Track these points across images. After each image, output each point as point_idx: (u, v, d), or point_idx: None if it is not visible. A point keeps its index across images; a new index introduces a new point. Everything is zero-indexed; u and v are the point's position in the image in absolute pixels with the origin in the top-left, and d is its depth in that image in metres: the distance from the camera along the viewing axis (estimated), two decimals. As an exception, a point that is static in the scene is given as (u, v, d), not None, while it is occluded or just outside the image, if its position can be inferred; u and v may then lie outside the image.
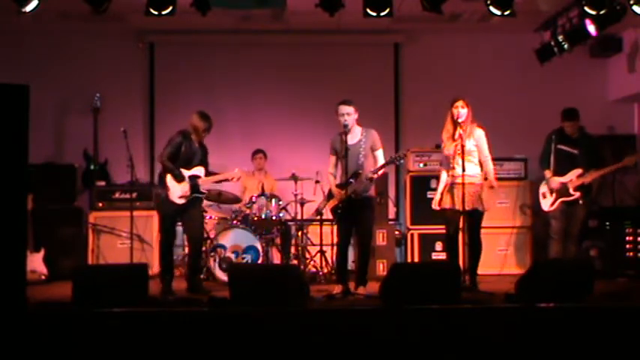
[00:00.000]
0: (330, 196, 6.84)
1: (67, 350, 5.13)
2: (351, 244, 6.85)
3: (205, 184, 7.16)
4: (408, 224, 8.53)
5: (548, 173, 7.53)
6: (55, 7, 7.70)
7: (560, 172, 7.48)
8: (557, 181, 7.43)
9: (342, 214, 6.64)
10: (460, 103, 6.69)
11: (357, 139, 6.64)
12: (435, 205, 6.84)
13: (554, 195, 7.49)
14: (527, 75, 9.03)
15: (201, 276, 7.68)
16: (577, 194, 7.41)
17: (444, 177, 6.83)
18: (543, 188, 7.63)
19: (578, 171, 7.42)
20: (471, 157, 6.68)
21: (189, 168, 7.03)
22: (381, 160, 6.66)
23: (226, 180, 7.33)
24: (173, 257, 7.23)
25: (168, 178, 6.97)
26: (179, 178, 6.95)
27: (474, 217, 6.68)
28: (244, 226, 7.81)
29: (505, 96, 9.16)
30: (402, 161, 6.93)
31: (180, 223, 7.26)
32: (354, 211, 6.55)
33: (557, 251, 7.44)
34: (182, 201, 6.98)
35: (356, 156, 6.57)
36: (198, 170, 7.08)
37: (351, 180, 6.53)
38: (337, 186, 6.67)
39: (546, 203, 7.57)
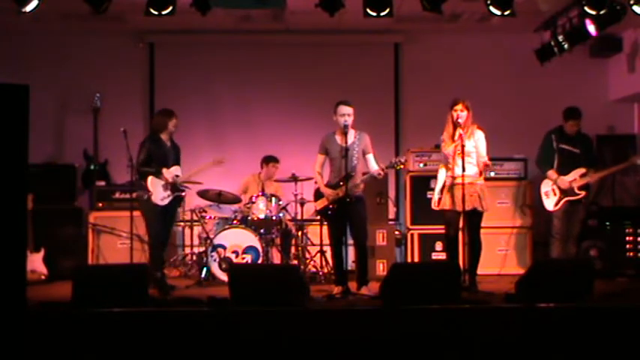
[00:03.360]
0: (318, 195, 6.82)
1: (67, 350, 5.13)
2: (350, 244, 6.84)
3: (185, 179, 7.19)
4: (408, 224, 8.53)
5: (552, 173, 7.52)
6: (55, 7, 7.69)
7: (562, 171, 7.49)
8: (566, 181, 7.44)
9: (333, 215, 6.63)
10: (459, 106, 6.67)
11: (351, 141, 6.64)
12: (434, 205, 6.83)
13: (558, 194, 7.49)
14: (527, 75, 9.03)
15: (202, 276, 7.71)
16: (582, 193, 7.44)
17: (442, 175, 6.81)
18: (546, 187, 7.62)
19: (582, 170, 7.46)
20: (469, 158, 6.68)
21: (167, 168, 7.05)
22: (372, 164, 6.66)
23: (206, 168, 7.33)
24: (164, 257, 7.24)
25: (150, 181, 6.98)
26: (159, 174, 6.97)
27: (474, 218, 6.67)
28: (244, 226, 7.81)
29: (505, 96, 9.16)
30: (401, 167, 6.89)
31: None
32: (347, 211, 6.55)
33: (559, 251, 7.45)
34: (165, 202, 7.02)
35: (350, 158, 6.57)
36: (176, 169, 7.11)
37: (341, 182, 6.53)
38: (328, 186, 6.67)
39: (550, 203, 7.57)
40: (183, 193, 7.21)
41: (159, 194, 6.99)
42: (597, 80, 9.38)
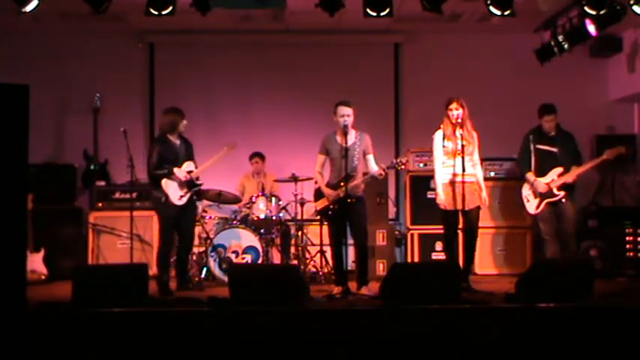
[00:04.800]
0: (318, 195, 6.82)
1: (67, 350, 5.13)
2: (350, 244, 6.83)
3: (199, 173, 7.20)
4: (408, 224, 8.53)
5: (531, 176, 7.46)
6: (54, 7, 7.70)
7: (541, 172, 7.42)
8: (543, 183, 7.38)
9: (333, 215, 6.63)
10: (454, 105, 6.70)
11: (352, 142, 6.63)
12: (441, 204, 6.78)
13: (537, 197, 7.44)
14: (527, 75, 9.03)
15: (202, 276, 7.71)
16: (561, 194, 7.36)
17: (439, 175, 6.81)
18: (526, 191, 7.55)
19: (559, 170, 7.38)
20: (469, 157, 6.70)
21: (179, 166, 7.06)
22: (372, 165, 6.65)
23: (219, 159, 7.35)
24: (170, 259, 7.25)
25: (164, 183, 7.00)
26: (171, 175, 6.99)
27: (474, 215, 6.71)
28: (244, 226, 7.81)
29: (505, 96, 9.16)
30: (402, 167, 6.89)
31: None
32: (348, 211, 6.54)
33: (554, 251, 7.41)
34: (183, 201, 7.02)
35: (351, 158, 6.57)
36: (188, 165, 7.13)
37: (341, 183, 6.52)
38: (329, 186, 6.66)
39: (531, 206, 7.51)
40: (199, 187, 7.23)
41: (175, 194, 7.00)
42: (597, 80, 9.38)
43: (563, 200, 7.36)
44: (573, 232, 7.48)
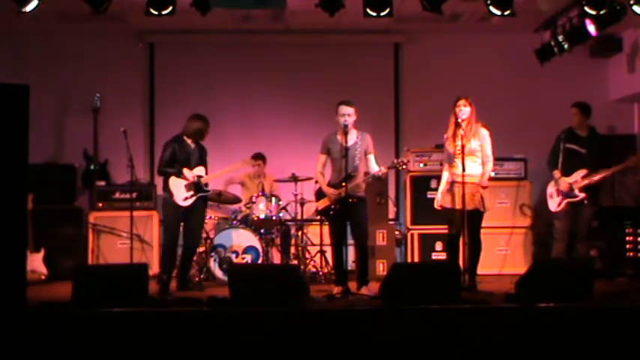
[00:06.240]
0: (319, 195, 6.82)
1: (67, 350, 5.13)
2: (350, 244, 6.83)
3: (211, 179, 7.27)
4: (408, 224, 8.53)
5: (557, 173, 7.45)
6: (54, 7, 7.70)
7: (567, 171, 7.41)
8: (566, 182, 7.39)
9: (334, 215, 6.63)
10: (462, 102, 6.68)
11: (353, 142, 6.63)
12: (436, 205, 6.85)
13: (560, 196, 7.45)
14: (527, 75, 9.03)
15: (202, 276, 7.71)
16: (582, 195, 7.35)
17: (445, 175, 6.84)
18: (551, 189, 7.57)
19: (583, 171, 7.37)
20: (474, 157, 6.69)
21: (190, 169, 7.09)
22: (373, 165, 6.66)
23: (232, 170, 7.63)
24: (175, 260, 7.25)
25: (171, 182, 7.06)
26: (180, 174, 7.05)
27: (474, 217, 6.68)
28: (244, 226, 7.81)
29: (505, 96, 9.15)
30: (403, 167, 6.90)
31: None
32: (349, 211, 6.54)
33: (561, 251, 7.40)
34: (187, 203, 7.04)
35: (352, 158, 6.57)
36: (199, 170, 7.18)
37: (343, 183, 6.52)
38: (330, 186, 6.66)
39: (553, 204, 7.52)
40: (207, 193, 7.28)
41: (180, 194, 7.05)
42: (597, 80, 9.37)
43: (585, 202, 7.36)
44: (585, 234, 7.48)
